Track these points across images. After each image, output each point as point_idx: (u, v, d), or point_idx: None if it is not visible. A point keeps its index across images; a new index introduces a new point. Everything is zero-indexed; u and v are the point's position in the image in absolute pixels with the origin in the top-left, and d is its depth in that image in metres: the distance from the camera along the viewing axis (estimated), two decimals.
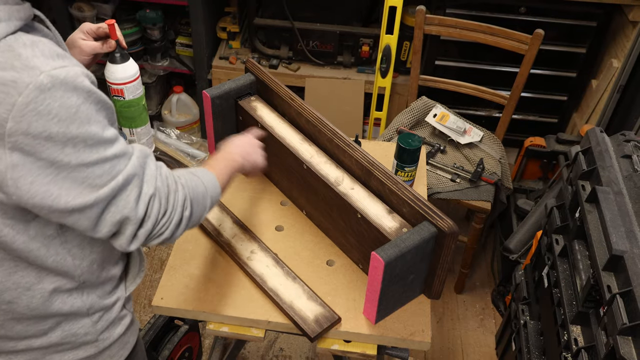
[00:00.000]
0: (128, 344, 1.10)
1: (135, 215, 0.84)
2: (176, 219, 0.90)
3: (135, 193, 0.84)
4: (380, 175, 1.22)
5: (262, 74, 1.45)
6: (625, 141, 1.53)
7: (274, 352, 2.10)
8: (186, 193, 0.92)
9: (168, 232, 0.89)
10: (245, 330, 1.22)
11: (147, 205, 0.85)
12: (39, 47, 0.78)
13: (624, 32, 2.29)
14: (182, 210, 0.91)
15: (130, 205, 0.83)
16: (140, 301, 2.23)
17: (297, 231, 1.38)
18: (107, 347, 1.05)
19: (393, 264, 1.08)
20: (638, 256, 1.21)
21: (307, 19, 2.54)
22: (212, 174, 1.02)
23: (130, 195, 0.83)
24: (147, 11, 2.54)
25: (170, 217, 0.89)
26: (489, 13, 2.32)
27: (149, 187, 0.86)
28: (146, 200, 0.85)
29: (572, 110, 2.62)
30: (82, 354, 1.02)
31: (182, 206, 0.91)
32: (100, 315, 1.01)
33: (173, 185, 0.90)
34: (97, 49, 1.15)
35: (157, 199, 0.86)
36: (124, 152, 0.83)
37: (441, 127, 2.13)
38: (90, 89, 0.78)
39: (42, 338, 0.97)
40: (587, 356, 1.28)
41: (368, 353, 1.20)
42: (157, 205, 0.86)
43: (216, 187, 1.01)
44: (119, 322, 1.06)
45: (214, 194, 1.00)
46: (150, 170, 0.87)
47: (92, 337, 1.01)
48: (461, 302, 2.31)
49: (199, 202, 0.95)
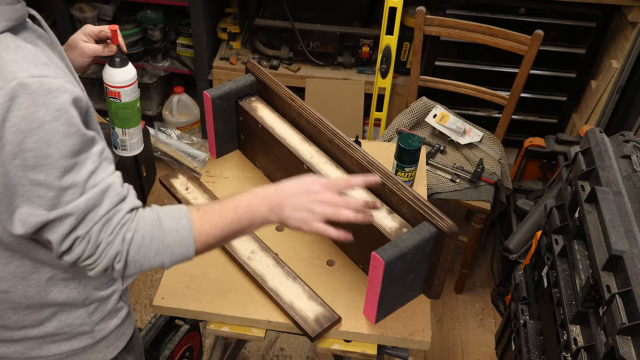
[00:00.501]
0: (124, 335, 1.10)
1: (58, 247, 0.84)
2: (101, 267, 0.86)
3: (64, 230, 0.82)
4: (380, 175, 1.22)
5: (262, 75, 1.46)
6: (625, 141, 1.53)
7: (274, 352, 2.10)
8: (121, 249, 0.86)
9: (94, 272, 0.87)
10: (245, 330, 1.22)
11: (71, 244, 0.83)
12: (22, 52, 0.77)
13: (623, 33, 2.30)
14: (112, 262, 0.86)
15: (56, 237, 0.83)
16: (141, 301, 2.23)
17: (296, 232, 1.38)
18: (103, 338, 1.05)
19: (393, 264, 1.08)
20: (637, 256, 1.21)
21: (308, 20, 2.55)
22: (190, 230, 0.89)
23: (60, 230, 0.82)
24: (148, 12, 2.54)
25: (96, 262, 0.86)
26: (488, 14, 2.33)
27: (81, 229, 0.83)
28: (72, 238, 0.83)
29: (572, 111, 2.62)
30: (78, 344, 1.03)
31: (111, 259, 0.86)
32: (97, 307, 1.02)
33: (111, 236, 0.85)
34: (98, 52, 1.16)
35: (85, 242, 0.84)
36: (77, 185, 0.81)
37: (441, 127, 2.14)
38: (62, 107, 0.76)
39: (39, 328, 0.98)
40: (586, 356, 1.29)
41: (368, 353, 1.21)
42: (82, 247, 0.84)
43: (185, 247, 0.89)
44: (115, 313, 1.06)
45: (176, 255, 0.89)
46: (96, 214, 0.83)
47: (88, 328, 1.02)
48: (461, 302, 2.31)
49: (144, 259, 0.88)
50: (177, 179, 1.47)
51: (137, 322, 2.13)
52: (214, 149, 1.55)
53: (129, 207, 0.87)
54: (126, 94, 1.20)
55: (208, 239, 0.91)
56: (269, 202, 0.94)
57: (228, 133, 1.53)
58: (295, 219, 0.94)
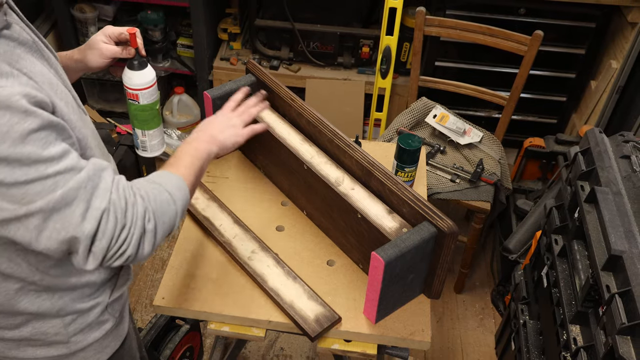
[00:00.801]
0: (107, 348, 1.09)
1: (83, 232, 0.80)
2: (137, 233, 0.84)
3: (80, 208, 0.79)
4: (380, 175, 1.23)
5: (262, 75, 1.46)
6: (624, 142, 1.53)
7: (274, 352, 2.10)
8: (146, 205, 0.86)
9: (131, 248, 0.84)
10: (246, 329, 1.23)
11: (98, 221, 0.81)
12: None
13: (622, 34, 2.30)
14: (144, 224, 0.85)
15: (74, 221, 0.79)
16: (142, 301, 2.24)
17: (297, 231, 1.39)
18: (81, 349, 1.04)
19: (393, 264, 1.09)
20: (637, 256, 1.21)
21: (308, 20, 2.55)
22: (176, 176, 0.95)
23: (75, 211, 0.79)
24: (149, 12, 2.55)
25: (131, 231, 0.83)
26: (488, 14, 2.33)
27: (101, 202, 0.81)
28: (97, 215, 0.80)
29: (571, 111, 2.62)
30: (54, 352, 1.02)
31: (142, 219, 0.85)
32: (74, 318, 1.01)
33: (131, 198, 0.85)
34: (117, 53, 1.16)
35: (112, 213, 0.82)
36: (71, 167, 0.80)
37: (441, 127, 2.14)
38: (26, 108, 0.75)
39: (14, 331, 0.98)
40: (586, 356, 1.29)
41: (368, 352, 1.21)
42: (113, 220, 0.82)
43: (182, 189, 0.94)
44: (97, 326, 1.05)
45: (181, 198, 0.93)
46: (104, 183, 0.83)
47: (63, 338, 1.01)
48: (461, 301, 2.31)
49: (164, 211, 0.89)
50: None
51: (138, 322, 2.13)
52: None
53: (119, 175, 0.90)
54: (144, 96, 1.21)
55: (190, 180, 0.98)
56: (205, 140, 1.09)
57: None
58: (227, 136, 1.12)
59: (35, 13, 2.60)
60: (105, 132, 2.25)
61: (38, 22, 2.59)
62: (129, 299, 2.23)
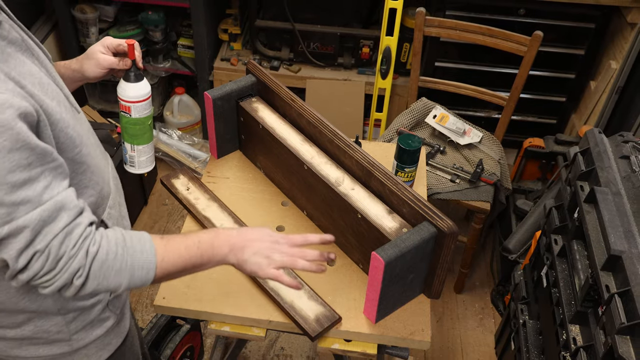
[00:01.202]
0: (109, 345, 1.09)
1: (14, 264, 0.81)
2: (60, 282, 0.84)
3: (20, 244, 0.80)
4: (380, 175, 1.23)
5: (263, 76, 1.46)
6: (624, 142, 1.54)
7: (275, 352, 2.11)
8: (85, 263, 0.85)
9: (49, 289, 0.85)
10: (246, 329, 1.23)
11: (29, 259, 0.81)
12: None
13: (622, 34, 2.30)
14: (72, 278, 0.85)
15: (11, 253, 0.81)
16: (143, 301, 2.24)
17: (297, 231, 1.39)
18: (83, 346, 1.05)
19: (393, 264, 1.09)
20: (636, 256, 1.22)
21: (308, 21, 2.56)
22: (154, 255, 0.91)
23: (15, 245, 0.80)
24: (149, 13, 2.55)
25: (55, 277, 0.84)
26: (488, 15, 2.33)
27: (40, 242, 0.81)
28: (30, 253, 0.81)
29: (571, 112, 2.63)
30: (56, 350, 1.02)
31: (72, 274, 0.85)
32: (75, 316, 1.01)
33: (73, 251, 0.84)
34: (114, 64, 1.15)
35: (45, 256, 0.82)
36: (29, 200, 0.79)
37: (441, 128, 2.14)
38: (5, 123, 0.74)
39: (16, 330, 0.98)
40: (585, 355, 1.29)
41: (368, 352, 1.21)
42: (42, 262, 0.82)
43: (147, 269, 0.90)
44: (98, 324, 1.05)
45: (139, 275, 0.90)
46: (54, 227, 0.82)
47: (65, 336, 1.02)
48: (461, 301, 2.32)
49: (105, 276, 0.88)
50: (178, 179, 1.48)
51: (139, 322, 2.14)
52: (215, 150, 1.55)
53: (88, 220, 0.87)
54: (137, 109, 1.19)
55: (169, 267, 0.93)
56: (231, 243, 0.98)
57: (229, 133, 1.54)
58: (253, 262, 0.99)
59: (36, 14, 2.61)
60: (106, 133, 2.25)
61: (39, 23, 2.60)
62: (131, 298, 2.24)
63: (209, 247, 0.96)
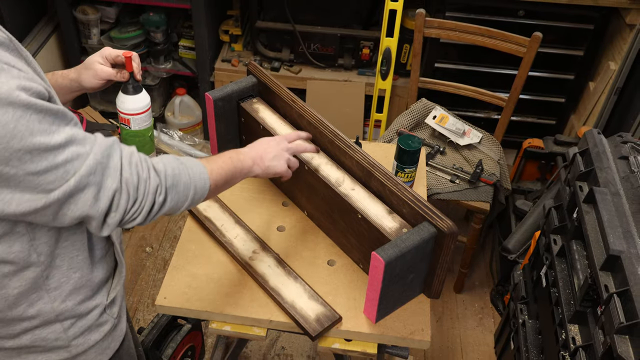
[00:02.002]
0: (108, 349, 1.09)
1: (97, 211, 0.85)
2: (147, 206, 0.89)
3: (92, 191, 0.83)
4: (380, 176, 1.24)
5: (264, 76, 1.47)
6: (623, 142, 1.54)
7: (275, 351, 2.11)
8: (160, 180, 0.91)
9: (140, 217, 0.90)
10: (247, 329, 1.23)
11: (110, 200, 0.85)
12: None
13: (621, 35, 2.31)
14: (154, 197, 0.90)
15: (88, 203, 0.83)
16: (144, 300, 2.25)
17: (298, 231, 1.40)
18: (82, 352, 1.04)
19: (393, 264, 1.10)
20: (635, 256, 1.22)
21: (309, 22, 2.56)
22: (204, 167, 1.00)
23: (87, 195, 0.83)
24: (151, 14, 2.56)
25: (141, 205, 0.89)
26: (488, 16, 2.34)
27: (112, 182, 0.85)
28: (109, 195, 0.85)
29: (570, 112, 2.64)
30: (55, 357, 1.02)
31: (154, 194, 0.90)
32: (73, 322, 1.01)
33: (144, 172, 0.89)
34: (112, 76, 1.15)
35: (125, 191, 0.86)
36: (78, 153, 0.82)
37: (441, 128, 2.15)
38: (27, 102, 0.76)
39: (14, 340, 0.98)
40: (584, 355, 1.30)
41: (368, 352, 1.22)
42: (125, 197, 0.86)
43: (204, 180, 0.99)
44: (96, 328, 1.05)
45: (200, 186, 0.98)
46: (113, 163, 0.86)
47: (64, 343, 1.01)
48: (460, 301, 2.32)
49: (178, 190, 0.94)
50: None
51: (140, 322, 2.14)
52: (216, 150, 1.56)
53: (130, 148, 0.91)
54: (136, 121, 1.20)
55: (216, 178, 1.03)
56: (252, 157, 1.14)
57: (230, 134, 1.54)
58: (275, 165, 1.18)
59: (37, 15, 2.61)
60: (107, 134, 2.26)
61: (41, 24, 2.60)
62: (132, 298, 2.25)
63: (238, 161, 1.10)
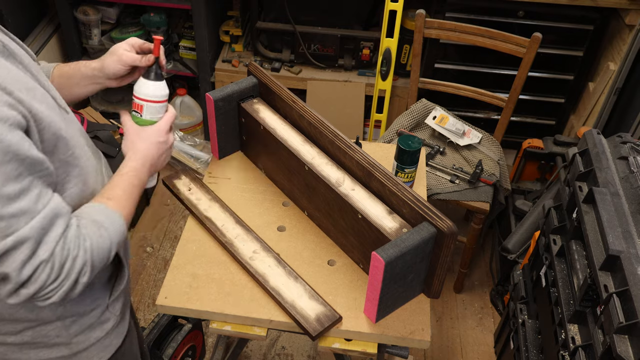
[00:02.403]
0: (110, 346, 1.10)
1: (18, 277, 0.80)
2: (67, 285, 0.85)
3: (24, 255, 0.80)
4: (380, 176, 1.24)
5: (264, 77, 1.47)
6: (622, 143, 1.55)
7: (276, 351, 2.12)
8: (87, 258, 0.87)
9: (56, 297, 0.85)
10: (247, 329, 1.24)
11: (34, 270, 0.81)
12: None
13: (620, 36, 2.31)
14: (78, 277, 0.86)
15: (14, 265, 0.80)
16: (145, 300, 2.25)
17: (298, 231, 1.40)
18: (83, 349, 1.05)
19: (393, 264, 1.10)
20: (634, 256, 1.23)
21: (309, 23, 2.57)
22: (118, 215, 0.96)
23: (18, 257, 0.79)
24: (152, 15, 2.56)
25: (62, 284, 0.84)
26: (487, 17, 2.34)
27: (44, 252, 0.81)
28: (35, 264, 0.81)
29: (570, 113, 2.64)
30: (57, 354, 1.03)
31: (77, 273, 0.86)
32: (74, 320, 1.01)
33: (75, 251, 0.85)
34: (136, 60, 1.12)
35: (50, 265, 0.82)
36: (26, 210, 0.79)
37: (440, 129, 2.16)
38: None
39: (16, 336, 0.99)
40: (584, 354, 1.30)
41: (368, 351, 1.22)
42: (48, 272, 0.82)
43: (122, 232, 0.96)
44: (98, 326, 1.06)
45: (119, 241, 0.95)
46: (54, 232, 0.83)
47: (65, 340, 1.02)
48: (460, 301, 2.33)
49: (102, 259, 0.91)
50: (180, 180, 1.49)
51: (141, 322, 2.15)
52: (217, 150, 1.56)
53: (74, 219, 0.88)
54: (149, 110, 1.13)
55: (127, 214, 1.00)
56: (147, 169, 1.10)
57: (230, 134, 1.55)
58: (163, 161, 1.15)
59: (38, 16, 2.62)
60: (108, 134, 2.26)
61: (41, 24, 2.61)
62: (133, 298, 2.25)
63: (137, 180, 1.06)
